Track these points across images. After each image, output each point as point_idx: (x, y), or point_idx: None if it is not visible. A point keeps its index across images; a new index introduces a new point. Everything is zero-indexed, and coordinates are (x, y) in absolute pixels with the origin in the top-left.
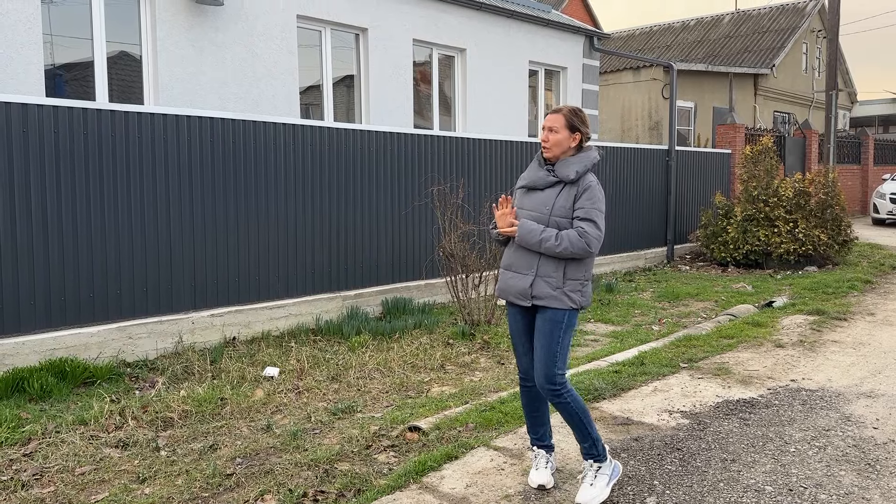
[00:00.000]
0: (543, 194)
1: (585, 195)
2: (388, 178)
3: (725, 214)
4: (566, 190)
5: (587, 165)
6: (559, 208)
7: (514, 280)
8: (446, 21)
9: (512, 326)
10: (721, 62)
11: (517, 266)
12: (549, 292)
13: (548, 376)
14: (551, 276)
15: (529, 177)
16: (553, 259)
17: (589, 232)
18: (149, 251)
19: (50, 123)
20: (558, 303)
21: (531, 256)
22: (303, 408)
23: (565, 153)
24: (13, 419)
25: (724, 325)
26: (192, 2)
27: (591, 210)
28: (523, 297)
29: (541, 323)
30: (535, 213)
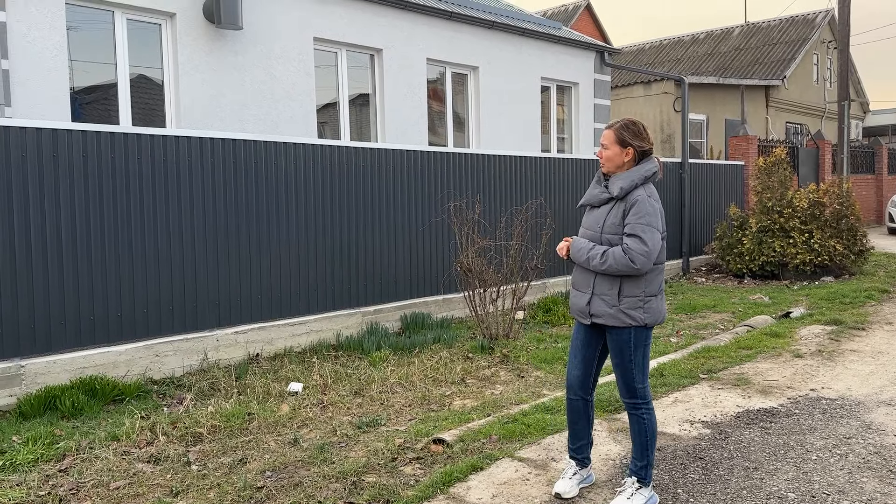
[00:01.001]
0: (598, 211)
1: (633, 210)
2: (405, 195)
3: (740, 226)
4: (616, 206)
5: (635, 181)
6: (609, 226)
7: (575, 298)
8: (459, 40)
9: (574, 337)
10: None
11: (578, 284)
12: (607, 310)
13: (628, 390)
14: (606, 293)
15: (587, 194)
16: (608, 277)
17: (632, 248)
18: (174, 270)
19: (78, 148)
20: (617, 321)
21: (588, 274)
22: (328, 422)
23: (620, 168)
24: (48, 436)
25: (743, 336)
26: (212, 26)
27: (636, 225)
28: (583, 314)
29: (610, 343)
30: (590, 230)
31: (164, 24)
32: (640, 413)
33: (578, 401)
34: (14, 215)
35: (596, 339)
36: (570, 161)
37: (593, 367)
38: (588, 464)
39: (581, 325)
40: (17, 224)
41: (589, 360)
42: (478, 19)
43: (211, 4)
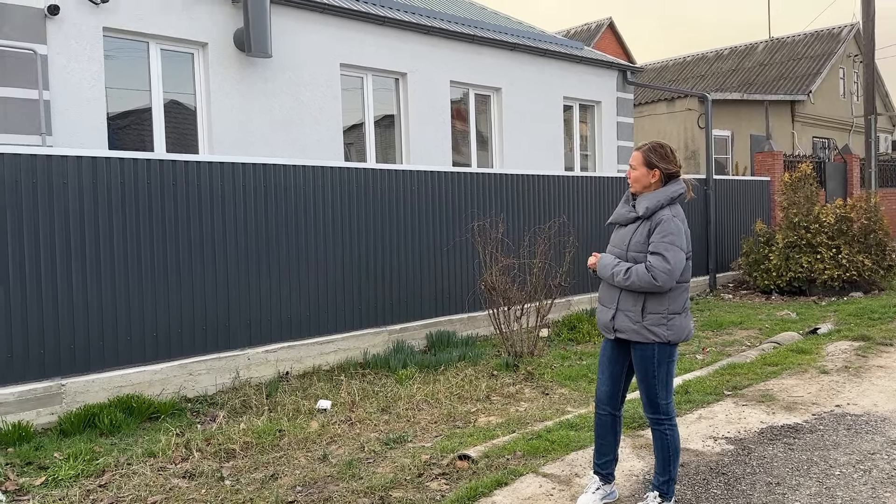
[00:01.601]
0: (625, 230)
1: (658, 229)
2: (430, 216)
3: (767, 242)
4: (642, 225)
5: (661, 201)
6: (634, 244)
7: (601, 313)
8: (482, 62)
9: (601, 353)
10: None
11: (604, 300)
12: (630, 326)
13: (652, 405)
14: (630, 309)
15: (616, 213)
16: (632, 293)
17: (655, 265)
18: (207, 291)
19: (116, 174)
20: (640, 337)
21: (613, 290)
22: (356, 438)
23: (647, 188)
24: (88, 452)
25: (769, 353)
26: (242, 55)
27: (659, 244)
28: (607, 329)
29: (634, 358)
30: (617, 248)
31: (196, 53)
32: (662, 429)
33: (607, 416)
34: (56, 240)
35: (623, 355)
36: (591, 179)
37: (621, 382)
38: (612, 480)
39: (608, 342)
40: (58, 248)
41: (617, 375)
42: (500, 42)
43: (241, 34)
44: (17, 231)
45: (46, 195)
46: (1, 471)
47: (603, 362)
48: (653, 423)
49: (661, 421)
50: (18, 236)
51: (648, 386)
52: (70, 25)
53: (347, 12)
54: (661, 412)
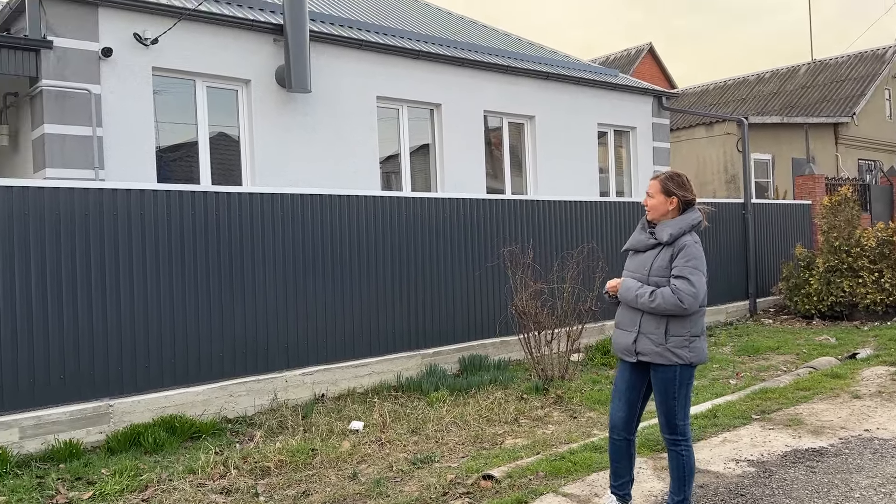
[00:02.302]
0: (644, 255)
1: (681, 254)
2: (462, 242)
3: (807, 266)
4: (664, 251)
5: (683, 228)
6: (657, 269)
7: (620, 337)
8: (515, 92)
9: (617, 378)
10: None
11: (623, 323)
12: (653, 349)
13: (669, 426)
14: (653, 332)
15: (633, 240)
16: (655, 316)
17: (681, 288)
18: (247, 316)
19: (163, 206)
20: (663, 359)
21: (634, 314)
22: (385, 458)
23: (664, 216)
24: (132, 469)
25: (803, 377)
26: (283, 90)
27: (684, 268)
28: (628, 352)
29: (655, 381)
30: (637, 273)
31: (240, 90)
32: (679, 449)
33: (622, 441)
34: (106, 269)
35: (640, 380)
36: (620, 204)
37: (637, 408)
38: (629, 500)
39: (625, 368)
40: (108, 276)
41: (633, 402)
42: (533, 71)
43: (283, 71)
44: (70, 260)
45: (99, 227)
46: (52, 485)
47: (620, 388)
48: (669, 443)
49: (678, 441)
50: (72, 265)
51: (668, 408)
52: (122, 66)
53: (383, 47)
54: (679, 433)
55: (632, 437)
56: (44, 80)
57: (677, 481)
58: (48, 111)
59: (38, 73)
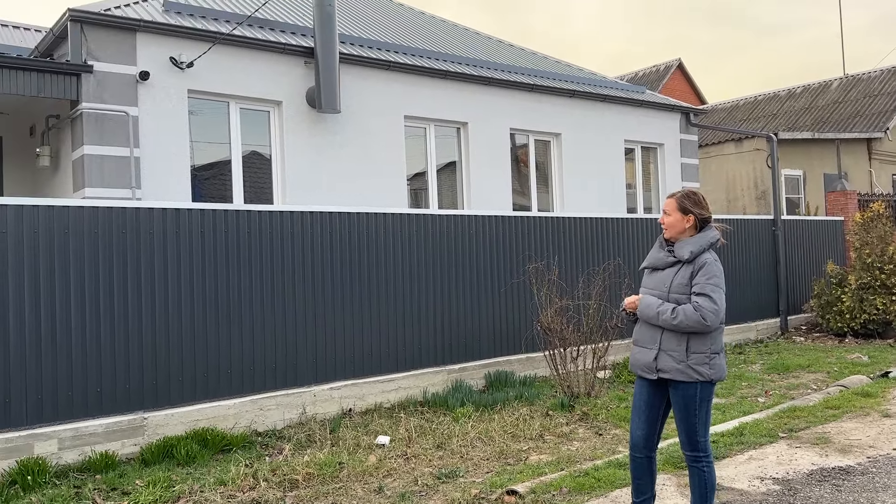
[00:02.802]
0: (663, 273)
1: (701, 272)
2: (488, 258)
3: (839, 283)
4: (683, 268)
5: (703, 246)
6: (677, 286)
7: (640, 354)
8: (541, 110)
9: (636, 397)
10: (830, 128)
11: (642, 341)
12: (674, 366)
13: (690, 443)
14: (674, 349)
15: (651, 258)
16: (675, 333)
17: (703, 306)
18: (277, 332)
19: (197, 224)
20: (684, 376)
21: (654, 331)
22: (410, 472)
23: (682, 234)
24: (165, 480)
25: (833, 396)
26: (313, 111)
27: (705, 285)
28: (649, 370)
29: (675, 398)
30: (656, 290)
31: (272, 111)
32: (700, 465)
33: (643, 459)
34: (142, 285)
35: (659, 398)
36: (646, 221)
37: (657, 426)
38: None
39: (644, 386)
40: (143, 292)
41: (653, 420)
42: (559, 89)
43: (313, 92)
44: (107, 277)
45: (136, 244)
46: (89, 495)
47: (639, 407)
48: (691, 460)
49: (700, 458)
50: (109, 282)
51: (689, 425)
52: (158, 89)
53: (410, 68)
54: (700, 449)
55: (653, 455)
56: (84, 102)
57: (700, 498)
58: (88, 133)
59: (78, 97)
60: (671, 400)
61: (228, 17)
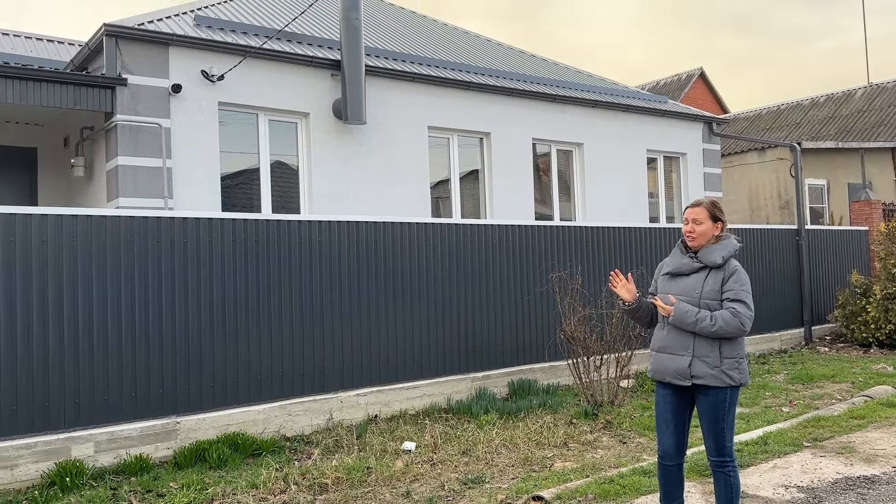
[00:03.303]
0: (690, 279)
1: (733, 278)
2: (511, 267)
3: (864, 293)
4: (713, 274)
5: (731, 251)
6: (709, 291)
7: (670, 361)
8: (563, 120)
9: (660, 406)
10: (854, 137)
11: (673, 347)
12: (708, 371)
13: (718, 448)
14: (708, 355)
15: (674, 264)
16: (708, 339)
17: (741, 312)
18: (305, 338)
19: (228, 233)
20: (718, 381)
21: (686, 337)
22: (437, 477)
23: (708, 241)
24: (199, 483)
25: (858, 406)
26: (339, 122)
27: (739, 291)
28: (682, 377)
29: (705, 405)
30: (685, 297)
31: (299, 122)
32: (727, 470)
33: (674, 467)
34: (175, 292)
35: (684, 405)
36: (669, 230)
37: (685, 434)
38: None
39: (669, 395)
40: (177, 299)
41: (681, 427)
42: (581, 99)
43: (339, 104)
44: (143, 284)
45: (170, 252)
46: (125, 496)
47: (665, 417)
48: (717, 465)
49: (726, 463)
50: (144, 289)
51: (718, 430)
52: (190, 101)
53: (434, 79)
54: (726, 454)
55: (682, 462)
56: (119, 115)
57: (726, 503)
58: (122, 144)
59: (113, 109)
60: (699, 406)
61: (257, 31)
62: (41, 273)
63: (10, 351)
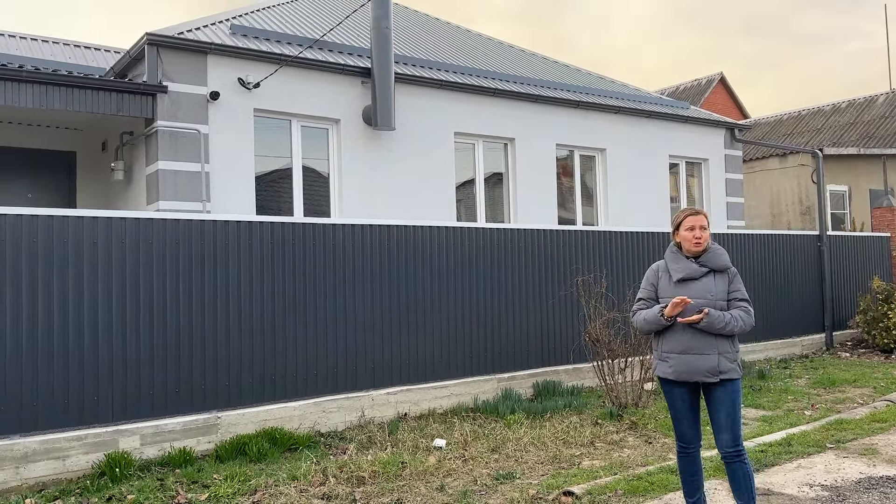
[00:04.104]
0: (700, 283)
1: (736, 280)
2: (535, 271)
3: (885, 299)
4: (719, 277)
5: (728, 256)
6: (720, 292)
7: (699, 361)
8: (587, 126)
9: (679, 405)
10: (876, 144)
11: (699, 348)
12: (730, 365)
13: (734, 438)
14: (728, 351)
15: (685, 269)
16: (725, 337)
17: (750, 310)
18: (339, 338)
19: (268, 235)
20: (736, 374)
21: (710, 337)
22: (469, 473)
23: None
24: (241, 475)
25: (880, 409)
26: (369, 128)
27: (744, 291)
28: (712, 374)
29: (724, 395)
30: (702, 299)
31: (330, 129)
32: (743, 458)
33: (695, 451)
34: (218, 293)
35: (697, 401)
36: None
37: (700, 424)
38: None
39: (684, 393)
40: (219, 299)
41: (697, 418)
42: (604, 106)
43: (369, 111)
44: (187, 284)
45: (212, 253)
46: (172, 487)
47: (683, 412)
48: (733, 456)
49: (741, 452)
50: (189, 289)
51: (735, 419)
52: (227, 108)
53: (461, 86)
54: (740, 443)
55: (700, 446)
56: (159, 121)
57: (747, 491)
58: (163, 149)
59: (154, 115)
60: (718, 399)
61: (290, 40)
62: (91, 273)
63: (63, 347)
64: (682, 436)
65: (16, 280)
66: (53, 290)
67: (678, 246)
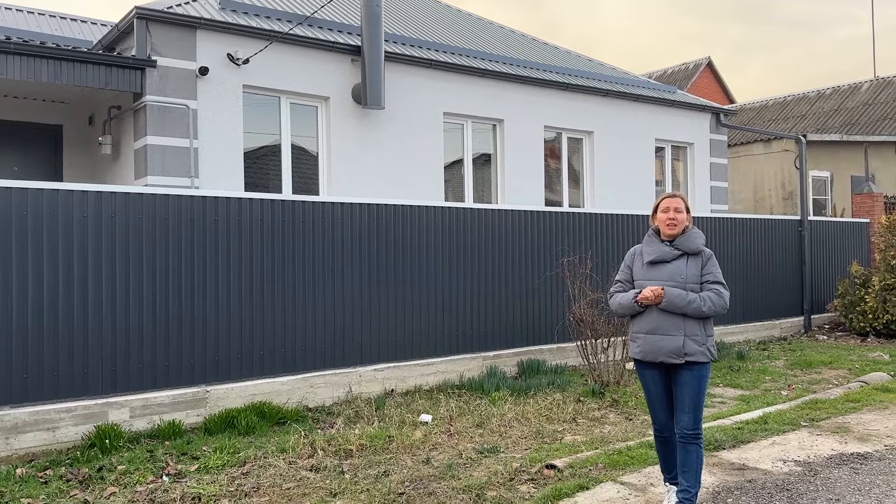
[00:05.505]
0: (672, 266)
1: (710, 263)
2: (521, 251)
3: (863, 284)
4: (692, 260)
5: (704, 239)
6: (692, 276)
7: (664, 341)
8: (575, 108)
9: (651, 387)
10: (859, 131)
11: (664, 328)
12: (697, 348)
13: (695, 421)
14: (697, 334)
15: (656, 252)
16: (695, 320)
17: (723, 293)
18: (327, 315)
19: (257, 212)
20: (704, 357)
21: (677, 319)
22: (454, 447)
23: (683, 230)
24: (231, 447)
25: (854, 390)
26: (358, 107)
27: (717, 274)
28: (676, 355)
29: (689, 378)
30: (671, 282)
31: (320, 106)
32: (699, 442)
33: (671, 436)
34: (207, 268)
35: (668, 382)
36: None
37: (672, 407)
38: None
39: (657, 375)
40: (208, 275)
41: (670, 402)
42: (592, 88)
43: (359, 89)
44: (177, 259)
45: (202, 229)
46: (162, 458)
47: (656, 395)
48: (692, 438)
49: (699, 435)
50: (178, 263)
51: (698, 403)
52: (216, 84)
53: (451, 66)
54: (699, 427)
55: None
56: (148, 95)
57: (695, 474)
58: (151, 124)
59: (142, 90)
60: (683, 381)
61: (280, 16)
62: (81, 248)
63: (52, 319)
64: (656, 419)
65: (4, 253)
66: (43, 264)
67: (657, 230)
